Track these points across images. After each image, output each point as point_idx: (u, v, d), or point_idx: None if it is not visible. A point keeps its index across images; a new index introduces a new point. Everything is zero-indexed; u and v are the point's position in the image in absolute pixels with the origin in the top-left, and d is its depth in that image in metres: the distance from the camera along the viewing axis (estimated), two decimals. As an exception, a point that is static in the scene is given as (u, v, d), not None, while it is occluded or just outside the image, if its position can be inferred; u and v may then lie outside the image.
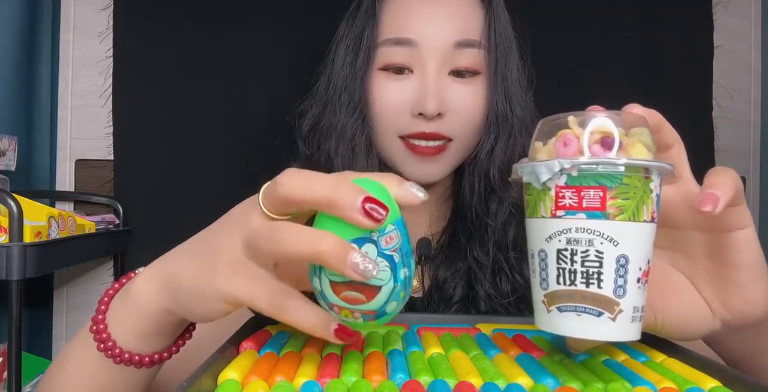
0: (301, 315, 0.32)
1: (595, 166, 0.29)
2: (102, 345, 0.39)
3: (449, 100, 0.61)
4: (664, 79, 1.13)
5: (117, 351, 0.39)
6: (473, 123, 0.63)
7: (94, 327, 0.40)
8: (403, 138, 0.62)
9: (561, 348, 0.40)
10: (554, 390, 0.32)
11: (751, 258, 0.34)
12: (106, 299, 0.41)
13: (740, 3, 1.17)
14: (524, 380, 0.33)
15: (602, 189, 0.30)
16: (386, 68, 0.62)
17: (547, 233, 0.31)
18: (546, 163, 0.31)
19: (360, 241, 0.31)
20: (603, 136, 0.30)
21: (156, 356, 0.41)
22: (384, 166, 0.66)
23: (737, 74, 1.17)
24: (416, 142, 0.61)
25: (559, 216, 0.31)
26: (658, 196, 0.31)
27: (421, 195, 0.32)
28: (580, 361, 0.38)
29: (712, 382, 0.33)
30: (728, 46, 1.16)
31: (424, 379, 0.33)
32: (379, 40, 0.63)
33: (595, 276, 0.30)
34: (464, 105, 0.62)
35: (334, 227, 0.31)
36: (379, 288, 0.31)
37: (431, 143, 0.61)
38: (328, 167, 0.65)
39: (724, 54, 1.16)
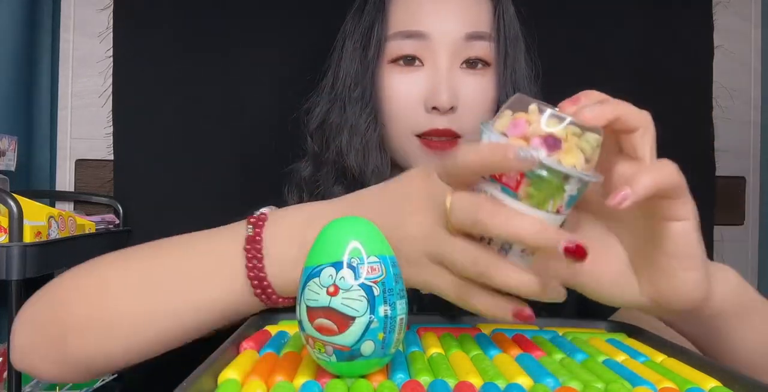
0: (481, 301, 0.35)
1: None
2: (256, 282, 0.43)
3: (461, 92, 0.61)
4: (664, 79, 1.12)
5: (269, 290, 0.43)
6: (483, 117, 0.63)
7: (253, 274, 0.43)
8: (418, 136, 0.62)
9: (561, 348, 0.40)
10: (554, 390, 0.32)
11: (684, 249, 0.34)
12: (258, 239, 0.43)
13: (740, 3, 1.17)
14: (524, 380, 0.33)
15: (521, 174, 0.32)
16: (396, 61, 0.62)
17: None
18: (492, 135, 0.34)
19: (338, 266, 0.31)
20: (547, 135, 0.32)
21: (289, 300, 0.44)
22: (394, 162, 0.66)
23: (737, 74, 1.17)
24: (429, 137, 0.62)
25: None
26: (571, 196, 0.33)
27: None
28: (580, 361, 0.38)
29: (712, 382, 0.33)
30: (728, 46, 1.16)
31: (424, 379, 0.33)
32: (388, 33, 0.63)
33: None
34: (475, 97, 0.62)
35: (320, 251, 0.33)
36: (352, 318, 0.31)
37: (443, 138, 0.62)
38: (339, 163, 0.65)
39: (724, 54, 1.16)
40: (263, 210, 0.47)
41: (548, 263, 0.35)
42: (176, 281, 0.45)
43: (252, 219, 0.45)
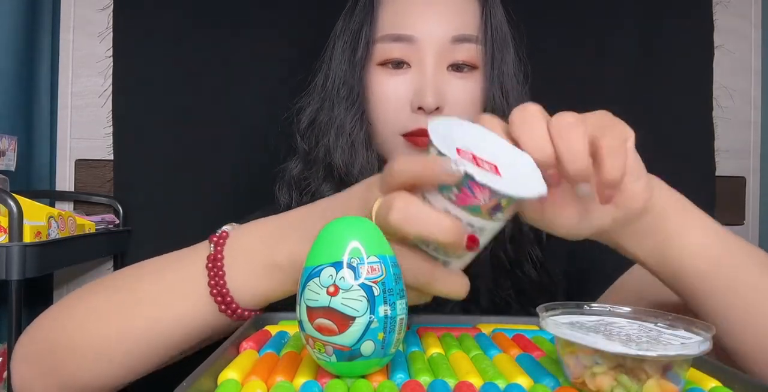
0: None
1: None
2: (219, 298, 0.46)
3: (447, 94, 0.62)
4: (664, 79, 1.12)
5: (234, 305, 0.46)
6: (470, 118, 0.64)
7: (217, 291, 0.46)
8: (404, 135, 0.63)
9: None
10: (554, 390, 0.32)
11: (632, 163, 0.39)
12: (219, 257, 0.46)
13: (740, 3, 1.17)
14: (524, 380, 0.33)
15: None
16: (384, 63, 0.63)
17: None
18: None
19: (338, 266, 0.31)
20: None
21: (256, 312, 0.47)
22: (382, 160, 0.67)
23: (737, 74, 1.17)
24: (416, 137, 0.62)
25: (432, 191, 0.37)
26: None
27: None
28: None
29: (712, 382, 0.33)
30: (728, 46, 1.16)
31: (424, 379, 0.33)
32: (377, 35, 0.64)
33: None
34: (462, 99, 0.63)
35: (321, 252, 0.33)
36: (352, 318, 0.31)
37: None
38: (326, 161, 0.66)
39: (724, 54, 1.16)
40: (225, 228, 0.49)
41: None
42: (145, 304, 0.48)
43: (214, 238, 0.48)
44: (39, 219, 0.80)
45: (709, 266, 0.43)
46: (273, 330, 0.44)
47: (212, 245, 0.47)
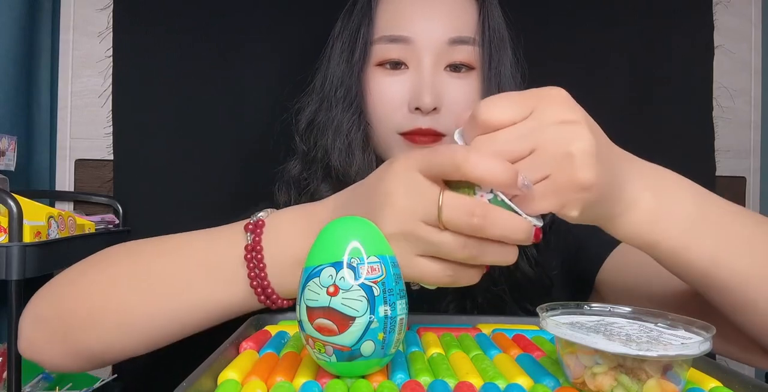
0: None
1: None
2: (259, 290, 0.45)
3: (445, 94, 0.62)
4: (664, 79, 1.12)
5: (274, 296, 0.45)
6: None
7: (255, 275, 0.45)
8: (402, 134, 0.63)
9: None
10: (554, 390, 0.32)
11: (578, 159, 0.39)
12: (258, 248, 0.45)
13: (740, 3, 1.17)
14: (524, 380, 0.33)
15: None
16: (382, 64, 0.64)
17: None
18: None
19: (338, 266, 0.31)
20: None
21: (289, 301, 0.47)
22: (380, 161, 0.67)
23: (737, 74, 1.17)
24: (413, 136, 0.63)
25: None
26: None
27: None
28: (580, 361, 0.38)
29: (712, 382, 0.33)
30: (728, 46, 1.16)
31: (424, 379, 0.33)
32: (374, 37, 0.64)
33: None
34: (459, 99, 0.63)
35: (321, 252, 0.33)
36: (352, 318, 0.31)
37: (426, 137, 0.63)
38: (324, 162, 0.66)
39: (724, 54, 1.16)
40: (260, 214, 0.48)
41: None
42: (178, 283, 0.47)
43: (250, 226, 0.46)
44: (39, 219, 0.80)
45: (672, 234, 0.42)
46: (273, 330, 0.44)
47: (249, 234, 0.46)
